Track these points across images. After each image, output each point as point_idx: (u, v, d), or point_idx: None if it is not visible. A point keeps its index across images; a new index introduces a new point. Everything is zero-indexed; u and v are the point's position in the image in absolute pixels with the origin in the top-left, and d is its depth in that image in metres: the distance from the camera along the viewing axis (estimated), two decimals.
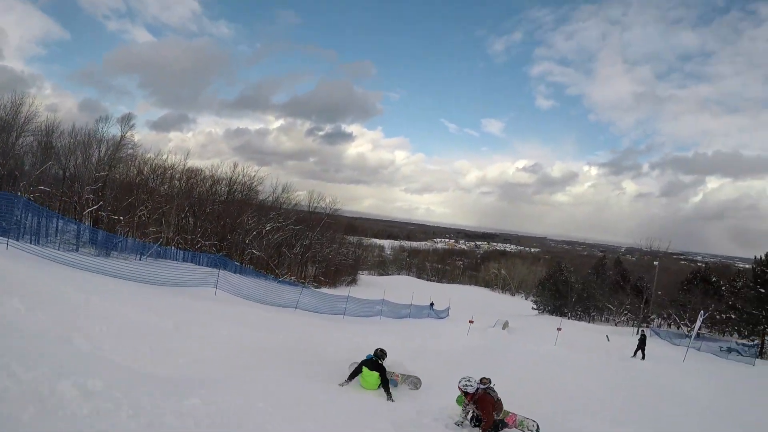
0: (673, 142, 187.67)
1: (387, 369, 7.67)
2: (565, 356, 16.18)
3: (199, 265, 21.23)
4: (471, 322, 20.36)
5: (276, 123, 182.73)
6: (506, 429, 6.95)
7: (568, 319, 41.24)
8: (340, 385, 7.44)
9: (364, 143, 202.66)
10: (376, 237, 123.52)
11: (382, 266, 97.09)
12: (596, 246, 74.53)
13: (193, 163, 45.01)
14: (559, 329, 21.00)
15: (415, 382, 8.35)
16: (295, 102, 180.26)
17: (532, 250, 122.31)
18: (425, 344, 13.19)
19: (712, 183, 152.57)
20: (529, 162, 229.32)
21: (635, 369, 16.13)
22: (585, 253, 64.77)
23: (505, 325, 24.34)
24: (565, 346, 18.77)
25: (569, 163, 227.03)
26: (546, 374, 11.77)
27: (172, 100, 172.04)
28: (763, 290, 29.64)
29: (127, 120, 35.51)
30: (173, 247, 29.80)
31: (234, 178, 42.73)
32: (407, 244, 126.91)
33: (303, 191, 56.89)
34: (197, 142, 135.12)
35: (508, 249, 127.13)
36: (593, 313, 47.53)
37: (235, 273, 19.09)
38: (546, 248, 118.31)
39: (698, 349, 22.93)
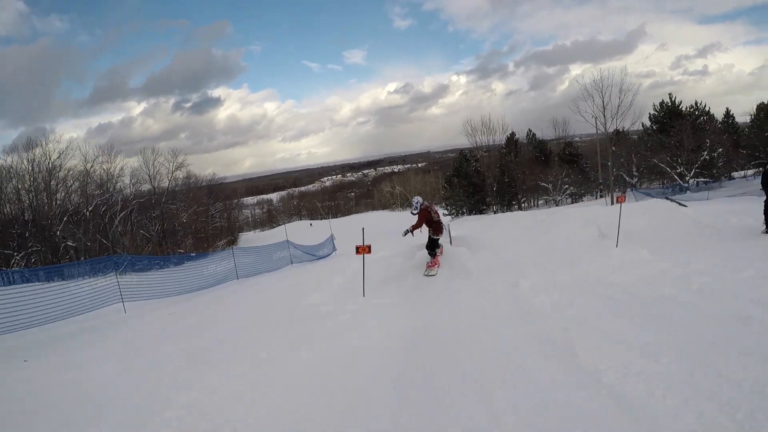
0: (533, 39, 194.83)
1: None
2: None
3: None
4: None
5: (139, 108, 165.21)
6: None
7: (496, 213, 36.62)
8: None
9: (232, 104, 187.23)
10: (261, 194, 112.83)
11: (273, 220, 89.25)
12: (479, 148, 71.73)
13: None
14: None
15: None
16: (154, 81, 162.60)
17: (419, 165, 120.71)
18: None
19: (576, 70, 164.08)
20: (399, 84, 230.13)
21: None
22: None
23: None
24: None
25: (438, 77, 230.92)
26: None
27: (22, 116, 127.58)
28: None
29: None
30: None
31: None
32: (295, 190, 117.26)
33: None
34: (60, 153, 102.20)
35: (396, 170, 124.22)
36: (522, 199, 40.79)
37: None
38: (432, 160, 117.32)
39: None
